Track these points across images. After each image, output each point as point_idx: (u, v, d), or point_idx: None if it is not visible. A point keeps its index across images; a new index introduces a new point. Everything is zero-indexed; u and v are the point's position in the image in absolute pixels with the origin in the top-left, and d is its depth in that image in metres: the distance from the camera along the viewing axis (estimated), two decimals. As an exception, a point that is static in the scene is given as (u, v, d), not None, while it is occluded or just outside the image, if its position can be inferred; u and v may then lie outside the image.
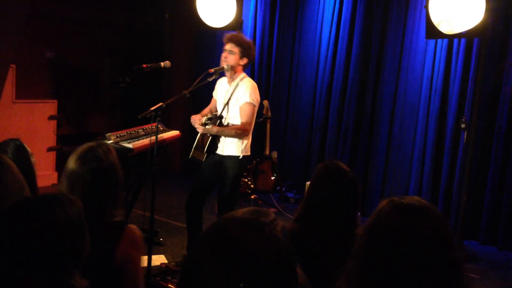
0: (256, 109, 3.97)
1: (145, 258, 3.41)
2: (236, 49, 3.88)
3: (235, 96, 3.91)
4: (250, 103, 3.87)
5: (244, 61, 3.95)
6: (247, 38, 4.15)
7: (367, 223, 1.45)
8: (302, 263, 1.95)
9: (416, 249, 1.31)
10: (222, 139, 3.93)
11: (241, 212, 1.05)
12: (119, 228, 2.00)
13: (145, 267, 3.38)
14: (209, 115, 3.99)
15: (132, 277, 1.99)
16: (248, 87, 3.89)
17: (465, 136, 4.81)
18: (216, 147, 3.94)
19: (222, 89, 4.09)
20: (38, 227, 1.38)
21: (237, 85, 3.93)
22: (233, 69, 3.92)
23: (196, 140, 4.03)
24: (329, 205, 2.15)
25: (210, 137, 3.91)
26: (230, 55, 3.89)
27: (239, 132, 3.86)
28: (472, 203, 5.07)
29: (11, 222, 1.40)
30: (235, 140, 3.90)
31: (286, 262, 1.01)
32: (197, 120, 3.96)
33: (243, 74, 4.01)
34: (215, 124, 3.87)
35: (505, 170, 4.98)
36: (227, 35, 3.98)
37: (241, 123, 3.87)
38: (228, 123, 3.93)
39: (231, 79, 3.99)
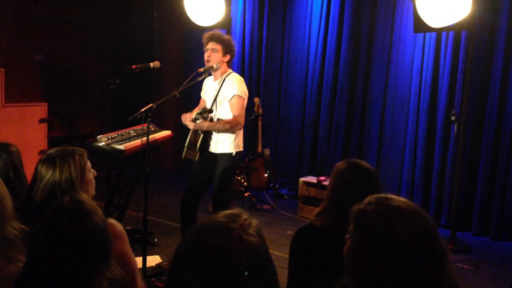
0: (246, 102, 3.97)
1: (140, 260, 3.40)
2: (218, 47, 3.90)
3: (223, 92, 3.91)
4: (239, 96, 3.87)
5: (227, 57, 3.96)
6: (226, 35, 4.13)
7: (351, 223, 1.49)
8: (324, 256, 1.99)
9: (401, 245, 1.36)
10: (214, 136, 3.92)
11: (215, 217, 1.14)
12: None
13: (140, 268, 3.38)
14: (199, 110, 3.96)
15: (128, 271, 1.99)
16: (235, 81, 3.91)
17: (455, 129, 4.85)
18: (208, 145, 3.94)
19: (209, 87, 4.09)
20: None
21: (223, 80, 3.94)
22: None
23: (188, 138, 4.01)
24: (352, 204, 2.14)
25: (202, 134, 3.90)
26: (213, 53, 3.90)
27: (231, 126, 3.85)
28: (464, 194, 5.11)
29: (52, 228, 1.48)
30: (227, 137, 3.90)
31: (257, 260, 1.08)
32: (187, 117, 3.96)
33: (229, 70, 4.02)
34: (205, 119, 3.86)
35: (496, 161, 5.01)
36: (206, 34, 3.98)
37: (233, 116, 3.88)
38: (218, 118, 3.93)
39: (217, 76, 3.99)
